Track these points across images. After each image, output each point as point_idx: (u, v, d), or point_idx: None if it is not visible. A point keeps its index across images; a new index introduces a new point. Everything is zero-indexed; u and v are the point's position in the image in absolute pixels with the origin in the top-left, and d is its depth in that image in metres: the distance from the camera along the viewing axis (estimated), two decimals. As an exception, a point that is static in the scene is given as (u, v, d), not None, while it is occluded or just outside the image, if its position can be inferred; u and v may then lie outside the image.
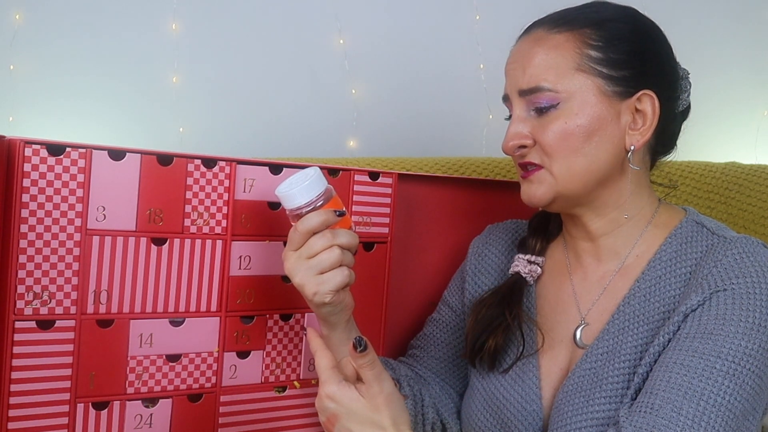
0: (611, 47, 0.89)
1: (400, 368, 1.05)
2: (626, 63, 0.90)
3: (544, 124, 0.90)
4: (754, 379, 0.79)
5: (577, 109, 0.89)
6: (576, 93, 0.89)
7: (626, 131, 0.90)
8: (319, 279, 0.86)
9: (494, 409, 0.96)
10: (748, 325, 0.80)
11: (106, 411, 0.87)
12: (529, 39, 0.93)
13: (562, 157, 0.89)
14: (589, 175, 0.90)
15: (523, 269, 1.00)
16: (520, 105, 0.92)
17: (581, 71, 0.89)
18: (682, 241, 0.92)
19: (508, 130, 0.92)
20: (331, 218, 0.86)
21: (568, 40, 0.90)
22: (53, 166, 0.81)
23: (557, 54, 0.90)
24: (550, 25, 0.92)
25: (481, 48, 1.84)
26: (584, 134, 0.89)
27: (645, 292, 0.91)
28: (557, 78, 0.89)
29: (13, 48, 1.71)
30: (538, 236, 1.03)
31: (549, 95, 0.89)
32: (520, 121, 0.92)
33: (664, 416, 0.78)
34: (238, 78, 1.81)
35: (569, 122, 0.89)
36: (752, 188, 1.37)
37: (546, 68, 0.89)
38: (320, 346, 0.86)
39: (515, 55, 0.94)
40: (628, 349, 0.88)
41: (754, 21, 1.92)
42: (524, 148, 0.91)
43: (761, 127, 1.93)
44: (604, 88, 0.89)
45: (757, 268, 0.83)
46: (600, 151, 0.90)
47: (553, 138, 0.89)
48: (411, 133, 1.86)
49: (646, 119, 0.90)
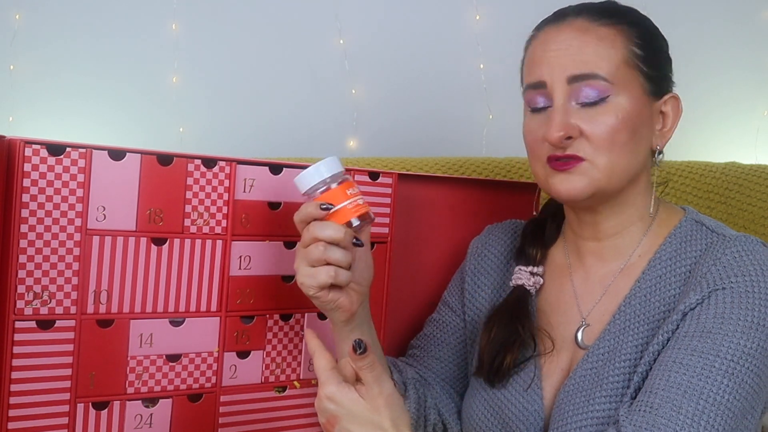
0: (649, 46, 0.91)
1: (407, 370, 1.05)
2: (659, 64, 0.92)
3: (593, 116, 0.88)
4: (752, 377, 0.79)
5: (626, 103, 0.88)
6: (626, 87, 0.88)
7: (654, 132, 0.92)
8: (307, 271, 0.86)
9: (495, 410, 0.96)
10: (747, 323, 0.80)
11: (106, 411, 0.87)
12: (572, 27, 0.90)
13: (610, 151, 0.88)
14: (628, 172, 0.90)
15: (527, 282, 1.00)
16: (564, 93, 0.89)
17: (630, 66, 0.89)
18: (681, 240, 0.92)
19: (554, 119, 0.88)
20: (314, 211, 0.86)
21: (617, 34, 0.90)
22: (53, 166, 0.81)
23: (608, 45, 0.89)
24: (591, 16, 0.91)
25: (481, 48, 1.84)
26: (630, 130, 0.88)
27: (645, 292, 0.91)
28: (611, 69, 0.88)
29: (13, 48, 1.71)
30: (537, 245, 1.02)
31: (603, 85, 0.87)
32: (564, 111, 0.89)
33: (664, 415, 0.78)
34: (238, 78, 1.82)
35: (619, 116, 0.88)
36: (752, 188, 1.37)
37: (600, 57, 0.88)
38: (318, 346, 0.85)
39: (556, 41, 0.90)
40: (629, 349, 0.88)
41: (754, 21, 1.92)
42: (569, 139, 0.88)
43: (761, 127, 1.93)
44: (645, 86, 0.90)
45: (756, 267, 0.83)
46: (639, 149, 0.90)
47: (604, 131, 0.87)
48: (411, 133, 1.86)
49: (667, 121, 0.92)
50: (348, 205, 0.87)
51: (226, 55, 1.80)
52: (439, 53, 1.86)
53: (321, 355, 0.84)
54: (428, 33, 1.85)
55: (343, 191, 0.87)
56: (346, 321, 0.91)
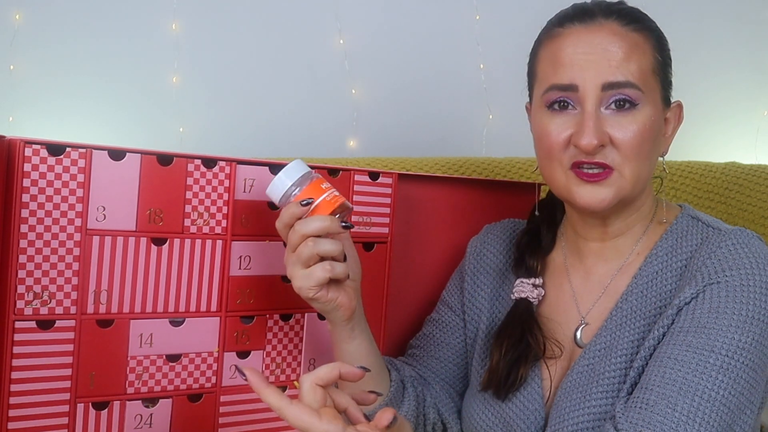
0: (665, 53, 0.91)
1: (405, 369, 1.05)
2: (670, 71, 0.92)
3: (624, 125, 0.86)
4: (748, 372, 0.79)
5: (651, 112, 0.88)
6: (652, 96, 0.89)
7: (663, 138, 0.93)
8: (302, 273, 0.86)
9: (496, 409, 0.96)
10: (742, 317, 0.80)
11: (106, 411, 0.87)
12: (604, 31, 0.88)
13: (636, 160, 0.87)
14: (646, 179, 0.91)
15: (530, 295, 0.99)
16: (596, 99, 0.86)
17: (655, 74, 0.89)
18: (677, 235, 0.92)
19: (587, 125, 0.86)
20: (296, 210, 0.85)
21: (646, 41, 0.89)
22: (53, 166, 0.81)
23: (640, 53, 0.88)
24: (622, 19, 0.89)
25: (481, 48, 1.84)
26: (653, 139, 0.89)
27: (642, 288, 0.91)
28: (642, 77, 0.87)
29: (13, 48, 1.71)
30: (536, 256, 1.01)
31: (636, 93, 0.86)
32: (598, 118, 0.87)
33: (659, 412, 0.78)
34: (238, 78, 1.81)
35: (647, 125, 0.87)
36: (752, 188, 1.37)
37: (634, 65, 0.87)
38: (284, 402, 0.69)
39: (587, 44, 0.88)
40: (625, 345, 0.88)
41: (754, 21, 1.92)
42: (601, 147, 0.87)
43: (761, 127, 1.93)
44: (663, 94, 0.91)
45: (751, 260, 0.83)
46: (654, 156, 0.91)
47: (633, 140, 0.86)
48: (411, 133, 1.86)
49: (669, 127, 0.93)
50: (326, 197, 0.87)
51: (226, 55, 1.80)
52: (439, 53, 1.86)
53: (293, 411, 0.68)
54: (428, 33, 1.85)
55: (317, 186, 0.87)
56: (347, 319, 0.91)
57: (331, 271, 0.85)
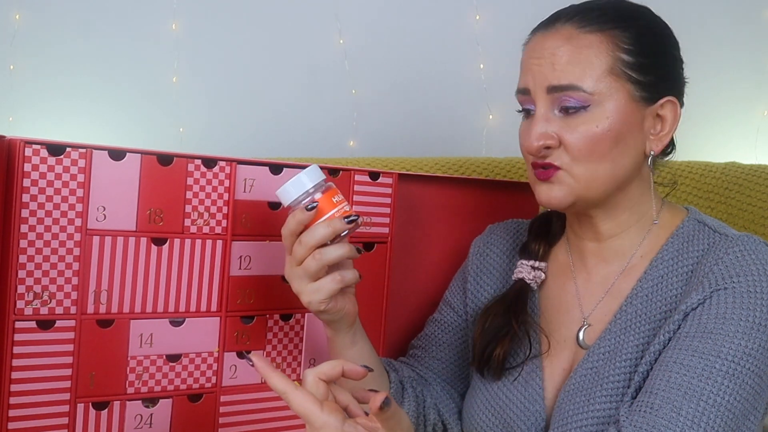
0: (640, 51, 0.88)
1: (403, 370, 1.05)
2: (652, 68, 0.89)
3: (573, 126, 0.87)
4: (754, 378, 0.79)
5: (608, 113, 0.87)
6: (608, 97, 0.87)
7: (648, 136, 0.90)
8: (311, 287, 0.85)
9: (496, 410, 0.96)
10: (749, 324, 0.80)
11: (106, 411, 0.87)
12: (557, 35, 0.89)
13: (587, 161, 0.87)
14: (612, 180, 0.89)
15: (527, 276, 0.99)
16: (545, 102, 0.89)
17: (613, 74, 0.87)
18: (684, 239, 0.92)
19: (533, 128, 0.89)
20: (303, 217, 0.84)
21: (602, 42, 0.88)
22: (53, 166, 0.81)
23: (591, 54, 0.87)
24: (578, 23, 0.89)
25: (481, 48, 1.84)
26: (612, 139, 0.87)
27: (647, 292, 0.91)
28: (590, 79, 0.87)
29: (13, 48, 1.71)
30: (541, 241, 1.02)
31: (582, 95, 0.87)
32: (545, 120, 0.89)
33: (664, 416, 0.78)
34: (238, 78, 1.82)
35: (600, 126, 0.87)
36: (752, 188, 1.37)
37: (579, 67, 0.87)
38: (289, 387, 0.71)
39: (540, 49, 0.90)
40: (630, 349, 0.88)
41: (754, 21, 1.92)
42: (549, 149, 0.89)
43: (761, 127, 1.93)
44: (633, 94, 0.88)
45: (758, 266, 0.83)
46: (624, 157, 0.89)
47: (582, 141, 0.87)
48: (411, 133, 1.86)
49: (665, 124, 0.91)
50: (336, 213, 0.85)
51: (226, 55, 1.80)
52: (439, 53, 1.86)
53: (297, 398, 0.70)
54: (428, 33, 1.85)
55: (329, 199, 0.85)
56: (350, 325, 0.91)
57: (341, 282, 0.85)
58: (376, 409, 0.69)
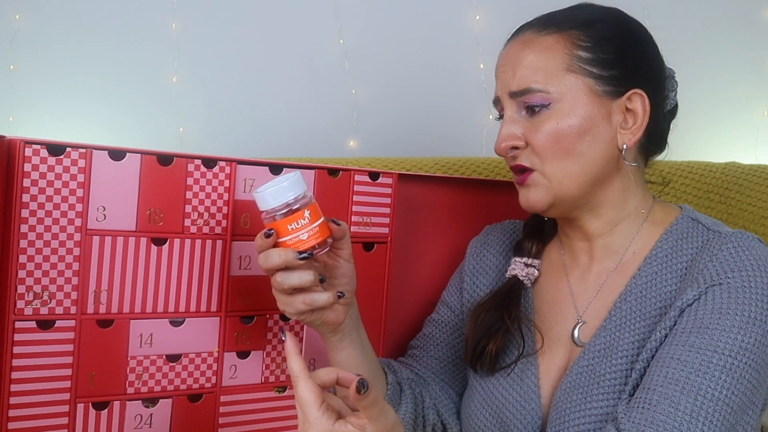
0: (600, 47, 0.90)
1: (401, 371, 1.05)
2: (615, 62, 0.90)
3: (536, 125, 0.90)
4: (751, 372, 0.80)
5: (568, 109, 0.89)
6: (567, 93, 0.89)
7: (618, 130, 0.91)
8: (283, 300, 0.85)
9: (493, 409, 0.96)
10: (744, 318, 0.80)
11: (106, 411, 0.87)
12: (518, 42, 0.94)
13: (554, 158, 0.90)
14: (584, 176, 0.90)
15: (521, 272, 1.00)
16: (511, 106, 0.93)
17: (571, 72, 0.90)
18: (677, 237, 0.92)
19: (500, 132, 0.93)
20: (261, 243, 0.83)
21: (558, 42, 0.91)
22: (53, 166, 0.81)
23: (547, 55, 0.90)
24: (538, 27, 0.93)
25: (481, 48, 1.84)
26: (576, 134, 0.89)
27: (641, 289, 0.91)
28: (547, 79, 0.89)
29: (13, 48, 1.71)
30: (534, 239, 1.03)
31: (540, 96, 0.90)
32: (512, 122, 0.92)
33: (662, 411, 0.78)
34: (238, 78, 1.81)
35: (561, 122, 0.89)
36: (752, 188, 1.37)
37: (536, 69, 0.90)
38: (303, 374, 0.75)
39: (505, 57, 0.95)
40: (626, 346, 0.88)
41: (754, 21, 1.92)
42: (516, 150, 0.92)
43: (761, 127, 1.93)
44: (594, 88, 0.90)
45: (752, 262, 0.84)
46: (593, 151, 0.90)
47: (545, 139, 0.89)
48: (411, 133, 1.85)
49: (637, 118, 0.91)
50: (288, 241, 0.83)
51: (226, 55, 1.80)
52: (439, 53, 1.86)
53: (305, 386, 0.74)
54: (428, 33, 1.85)
55: (284, 226, 0.83)
56: (333, 332, 0.91)
57: (310, 305, 0.84)
58: (354, 393, 0.71)
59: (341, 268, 0.90)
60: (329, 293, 0.86)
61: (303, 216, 0.83)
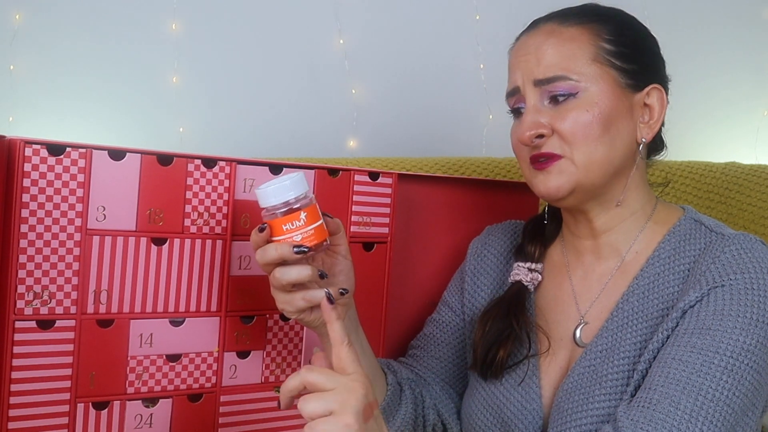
0: (622, 41, 0.92)
1: (401, 371, 1.05)
2: (636, 57, 0.92)
3: (563, 113, 0.90)
4: (752, 374, 0.80)
5: (596, 98, 0.89)
6: (594, 82, 0.90)
7: (637, 124, 0.92)
8: (282, 298, 0.85)
9: (494, 409, 0.96)
10: (746, 320, 0.81)
11: (106, 411, 0.87)
12: (540, 32, 0.93)
13: (584, 144, 0.89)
14: (608, 164, 0.91)
15: (525, 278, 1.00)
16: (534, 95, 0.92)
17: (597, 62, 0.90)
18: (680, 238, 0.92)
19: (524, 120, 0.92)
20: (255, 239, 0.83)
21: (582, 33, 0.91)
22: (53, 166, 0.81)
23: (574, 45, 0.91)
24: (559, 20, 0.93)
25: (481, 48, 1.84)
26: (604, 123, 0.89)
27: (644, 289, 0.91)
28: (576, 68, 0.90)
29: (13, 48, 1.71)
30: (536, 243, 1.03)
31: (569, 84, 0.89)
32: (535, 111, 0.91)
33: (662, 411, 0.78)
34: (238, 78, 1.81)
35: (590, 110, 0.89)
36: (752, 188, 1.37)
37: (563, 58, 0.90)
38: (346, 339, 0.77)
39: (525, 47, 0.94)
40: (627, 346, 0.88)
41: (754, 21, 1.92)
42: (541, 138, 0.91)
43: (761, 127, 1.93)
44: (618, 80, 0.91)
45: (755, 264, 0.84)
46: (617, 141, 0.91)
47: (574, 126, 0.89)
48: (411, 133, 1.86)
49: (654, 113, 0.93)
50: (284, 239, 0.82)
51: (226, 55, 1.80)
52: (439, 53, 1.86)
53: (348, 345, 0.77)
54: (428, 33, 1.85)
55: (279, 226, 0.83)
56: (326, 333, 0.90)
57: (310, 301, 0.85)
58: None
59: (339, 264, 0.90)
60: (322, 290, 0.85)
61: (299, 218, 0.83)
